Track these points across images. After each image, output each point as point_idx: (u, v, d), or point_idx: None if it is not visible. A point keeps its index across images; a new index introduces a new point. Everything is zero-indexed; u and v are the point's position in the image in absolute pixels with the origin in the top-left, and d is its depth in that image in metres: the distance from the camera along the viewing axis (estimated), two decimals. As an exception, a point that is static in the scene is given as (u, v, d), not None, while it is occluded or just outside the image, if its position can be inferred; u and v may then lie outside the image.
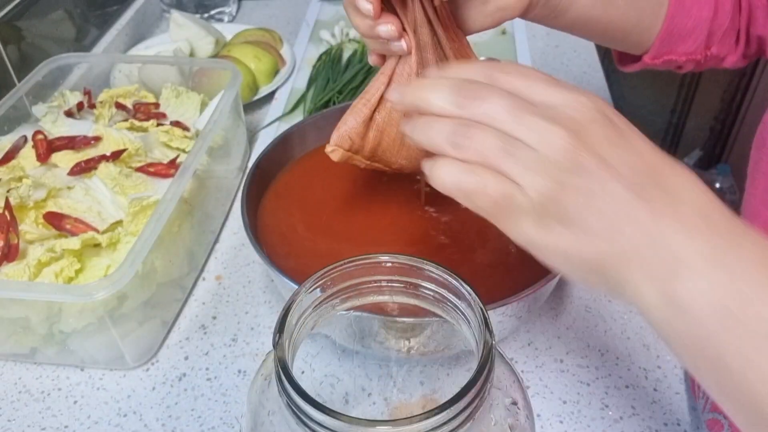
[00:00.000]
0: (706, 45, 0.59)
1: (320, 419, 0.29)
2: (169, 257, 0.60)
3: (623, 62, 0.63)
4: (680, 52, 0.59)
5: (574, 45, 1.03)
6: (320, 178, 0.64)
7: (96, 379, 0.57)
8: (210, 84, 0.80)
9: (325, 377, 0.48)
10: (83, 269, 0.55)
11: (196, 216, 0.65)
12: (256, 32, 0.98)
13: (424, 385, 0.47)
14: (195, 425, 0.53)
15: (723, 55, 0.60)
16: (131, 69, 0.83)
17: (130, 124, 0.69)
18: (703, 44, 0.59)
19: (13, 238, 0.55)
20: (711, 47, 0.59)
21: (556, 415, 0.53)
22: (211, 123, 0.65)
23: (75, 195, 0.60)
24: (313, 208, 0.61)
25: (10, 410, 0.55)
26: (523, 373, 0.56)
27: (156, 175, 0.63)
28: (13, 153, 0.65)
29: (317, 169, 0.65)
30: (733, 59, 0.60)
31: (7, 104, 0.69)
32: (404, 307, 0.39)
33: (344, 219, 0.60)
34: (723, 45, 0.59)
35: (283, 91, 0.92)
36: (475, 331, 0.34)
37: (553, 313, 0.61)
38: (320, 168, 0.65)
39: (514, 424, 0.35)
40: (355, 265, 0.36)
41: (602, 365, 0.56)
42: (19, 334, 0.55)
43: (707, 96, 1.74)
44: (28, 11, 0.83)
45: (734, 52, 0.60)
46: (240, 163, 0.78)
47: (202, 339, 0.60)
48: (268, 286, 0.65)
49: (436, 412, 0.29)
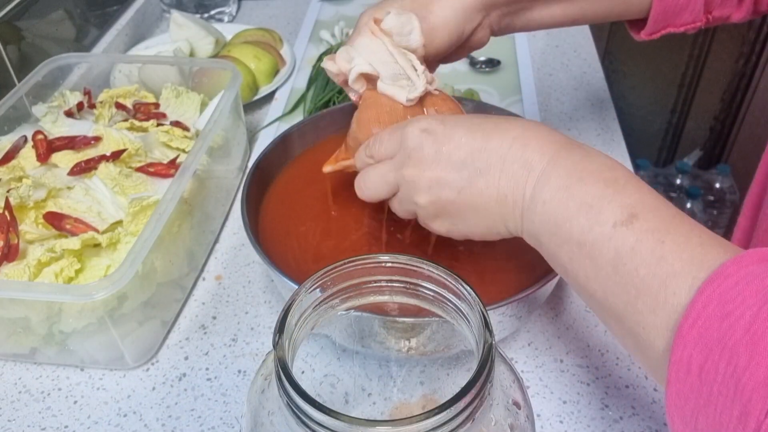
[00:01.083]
0: (705, 11, 0.57)
1: (320, 419, 0.29)
2: (169, 257, 0.60)
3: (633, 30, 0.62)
4: (678, 24, 0.58)
5: (574, 45, 1.03)
6: (320, 178, 0.64)
7: (96, 379, 0.57)
8: (210, 84, 0.80)
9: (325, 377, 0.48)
10: (83, 269, 0.55)
11: (196, 216, 0.65)
12: (256, 32, 0.98)
13: (424, 385, 0.47)
14: (195, 425, 0.53)
15: (726, 15, 0.58)
16: (131, 69, 0.83)
17: (130, 124, 0.69)
18: (701, 12, 0.57)
19: (13, 238, 0.55)
20: (712, 11, 0.57)
21: (556, 415, 0.53)
22: (211, 123, 0.65)
23: (75, 195, 0.60)
24: (313, 208, 0.61)
25: (10, 410, 0.55)
26: (523, 373, 0.56)
27: (156, 175, 0.63)
28: (13, 153, 0.65)
29: (317, 169, 0.65)
30: (740, 16, 0.59)
31: (7, 104, 0.69)
32: (404, 307, 0.39)
33: (344, 219, 0.60)
34: (724, 7, 0.58)
35: (283, 91, 0.92)
36: (475, 331, 0.34)
37: (553, 313, 0.61)
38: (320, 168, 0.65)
39: (514, 424, 0.35)
40: (355, 265, 0.36)
41: (602, 365, 0.56)
42: (19, 334, 0.55)
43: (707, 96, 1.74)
44: (28, 11, 0.83)
45: (739, 9, 0.58)
46: (240, 163, 0.78)
47: (202, 339, 0.60)
48: (268, 286, 0.65)
49: (436, 412, 0.29)
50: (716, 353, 0.30)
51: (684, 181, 1.70)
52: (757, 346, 0.29)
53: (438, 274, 0.35)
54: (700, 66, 1.70)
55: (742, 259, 0.32)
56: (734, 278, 0.32)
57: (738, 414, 0.30)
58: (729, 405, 0.30)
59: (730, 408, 0.30)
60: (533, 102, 0.88)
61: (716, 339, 0.31)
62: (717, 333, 0.31)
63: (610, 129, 0.85)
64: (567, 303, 0.62)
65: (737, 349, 0.30)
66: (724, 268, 0.32)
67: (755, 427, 0.29)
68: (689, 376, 0.31)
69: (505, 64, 0.96)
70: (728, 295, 0.31)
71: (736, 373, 0.30)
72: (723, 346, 0.30)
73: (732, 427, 0.30)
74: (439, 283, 0.36)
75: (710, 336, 0.31)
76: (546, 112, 0.88)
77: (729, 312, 0.31)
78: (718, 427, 0.31)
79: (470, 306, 0.34)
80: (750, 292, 0.31)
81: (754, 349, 0.29)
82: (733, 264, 0.32)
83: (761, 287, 0.31)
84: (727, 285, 0.32)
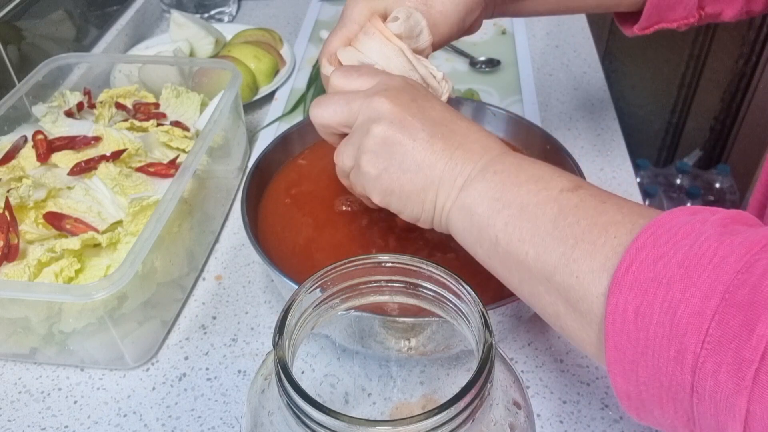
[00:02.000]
0: (698, 6, 0.57)
1: (320, 419, 0.29)
2: (169, 257, 0.60)
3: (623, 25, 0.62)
4: (671, 19, 0.58)
5: (574, 45, 1.03)
6: (320, 178, 0.64)
7: (96, 379, 0.57)
8: (210, 84, 0.80)
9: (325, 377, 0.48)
10: (83, 269, 0.55)
11: (196, 216, 0.65)
12: (256, 32, 0.98)
13: (424, 385, 0.47)
14: (195, 425, 0.53)
15: (718, 11, 0.58)
16: (131, 69, 0.83)
17: (130, 124, 0.69)
18: (695, 7, 0.57)
19: (13, 238, 0.55)
20: (704, 7, 0.57)
21: (556, 415, 0.53)
22: (211, 123, 0.65)
23: (75, 195, 0.60)
24: (313, 207, 0.61)
25: (10, 410, 0.55)
26: (523, 373, 0.56)
27: (156, 175, 0.63)
28: (13, 153, 0.65)
29: (317, 169, 0.65)
30: (731, 13, 0.59)
31: (7, 104, 0.69)
32: (404, 307, 0.39)
33: (344, 219, 0.60)
34: (717, 3, 0.57)
35: (283, 91, 0.92)
36: (475, 331, 0.34)
37: (553, 313, 0.61)
38: (320, 168, 0.65)
39: (514, 424, 0.35)
40: (355, 265, 0.36)
41: (602, 365, 0.56)
42: (19, 334, 0.55)
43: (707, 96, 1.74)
44: (28, 11, 0.83)
45: (731, 6, 0.58)
46: (240, 163, 0.78)
47: (202, 339, 0.60)
48: (268, 286, 0.65)
49: (436, 412, 0.29)
50: (651, 293, 0.30)
51: (684, 181, 1.70)
52: (690, 278, 0.29)
53: (438, 274, 0.35)
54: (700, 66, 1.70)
55: (676, 211, 0.33)
56: (667, 225, 0.32)
57: (675, 353, 0.29)
58: (666, 345, 0.30)
59: (667, 348, 0.29)
60: (533, 102, 0.88)
61: (650, 279, 0.30)
62: (651, 274, 0.31)
63: (610, 129, 0.85)
64: (567, 303, 0.62)
65: (671, 284, 0.30)
66: (660, 218, 0.33)
67: (692, 362, 0.29)
68: (625, 324, 0.31)
69: (505, 64, 0.96)
70: (661, 239, 0.31)
71: (671, 309, 0.29)
72: (658, 284, 0.30)
73: (670, 368, 0.30)
74: (439, 283, 0.36)
75: (644, 277, 0.31)
76: (546, 112, 0.88)
77: (662, 254, 0.31)
78: (657, 373, 0.30)
79: (470, 306, 0.34)
80: (683, 234, 0.31)
81: (688, 281, 0.29)
82: (668, 214, 0.33)
83: (692, 230, 0.31)
84: (661, 231, 0.32)
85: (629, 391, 0.33)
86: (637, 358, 0.31)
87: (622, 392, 0.33)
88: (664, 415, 0.32)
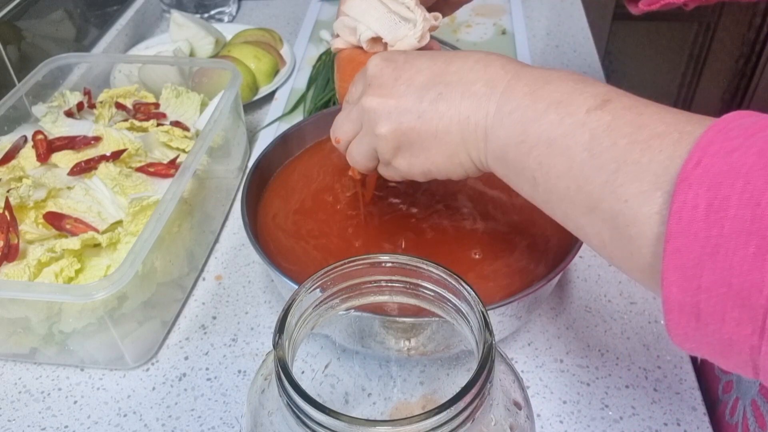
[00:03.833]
0: None
1: (320, 419, 0.29)
2: (169, 257, 0.60)
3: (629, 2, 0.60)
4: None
5: (574, 45, 1.03)
6: (320, 178, 0.64)
7: (96, 379, 0.57)
8: (210, 84, 0.80)
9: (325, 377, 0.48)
10: (83, 269, 0.55)
11: (196, 216, 0.65)
12: (256, 32, 0.98)
13: (424, 385, 0.47)
14: (195, 425, 0.53)
15: None
16: (131, 69, 0.83)
17: (130, 124, 0.69)
18: None
19: (13, 238, 0.55)
20: None
21: (556, 415, 0.53)
22: (211, 123, 0.65)
23: (75, 195, 0.60)
24: (314, 207, 0.61)
25: (10, 410, 0.55)
26: (523, 373, 0.56)
27: (156, 175, 0.63)
28: (13, 153, 0.65)
29: (317, 168, 0.65)
30: None
31: (7, 104, 0.69)
32: (404, 307, 0.39)
33: (344, 219, 0.60)
34: None
35: (283, 91, 0.92)
36: (475, 331, 0.34)
37: (553, 313, 0.61)
38: (320, 168, 0.65)
39: (514, 424, 0.35)
40: (355, 265, 0.36)
41: (602, 365, 0.56)
42: (19, 334, 0.55)
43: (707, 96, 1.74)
44: (28, 11, 0.83)
45: None
46: (240, 163, 0.78)
47: (202, 339, 0.60)
48: (268, 286, 0.65)
49: (436, 412, 0.29)
50: (727, 185, 0.27)
51: (684, 181, 1.70)
52: None
53: (438, 274, 0.35)
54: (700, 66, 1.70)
55: (736, 113, 0.30)
56: (734, 123, 0.29)
57: (754, 248, 0.26)
58: (744, 241, 0.26)
59: (745, 244, 0.26)
60: (533, 102, 0.88)
61: (725, 171, 0.27)
62: (725, 166, 0.28)
63: (610, 129, 0.85)
64: (567, 303, 0.62)
65: (752, 174, 0.27)
66: (723, 118, 0.30)
67: None
68: (693, 222, 0.28)
69: (505, 64, 0.96)
70: (732, 134, 0.29)
71: (752, 201, 0.26)
72: (735, 174, 0.27)
73: (746, 267, 0.26)
74: (439, 283, 0.36)
75: (718, 170, 0.28)
76: (546, 112, 0.88)
77: (737, 146, 0.28)
78: (727, 275, 0.27)
79: (470, 306, 0.34)
80: (756, 128, 0.28)
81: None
82: (731, 115, 0.30)
83: (766, 124, 0.29)
84: (730, 127, 0.29)
85: (684, 302, 0.29)
86: (703, 260, 0.28)
87: (675, 304, 0.29)
88: (723, 328, 0.28)
